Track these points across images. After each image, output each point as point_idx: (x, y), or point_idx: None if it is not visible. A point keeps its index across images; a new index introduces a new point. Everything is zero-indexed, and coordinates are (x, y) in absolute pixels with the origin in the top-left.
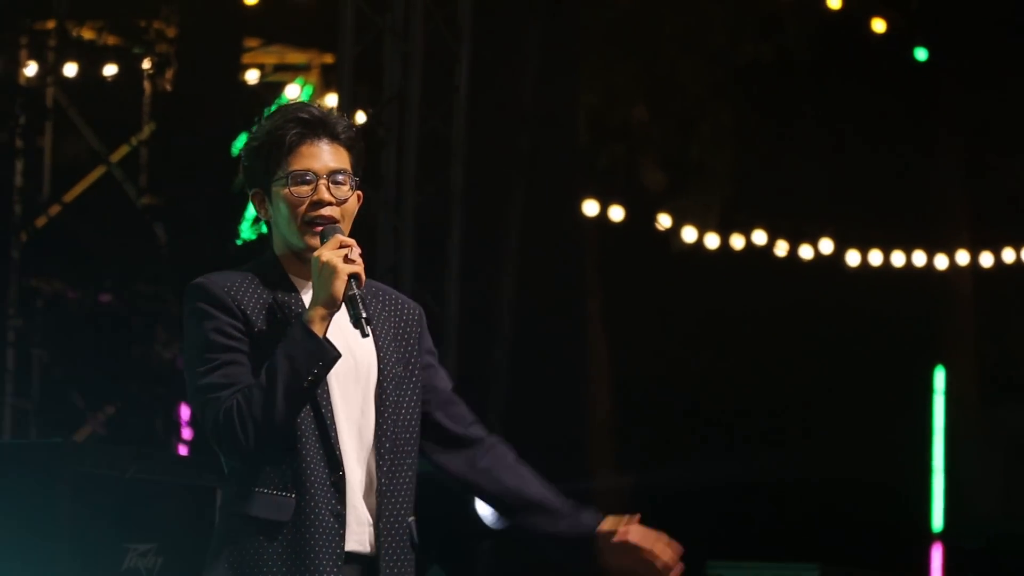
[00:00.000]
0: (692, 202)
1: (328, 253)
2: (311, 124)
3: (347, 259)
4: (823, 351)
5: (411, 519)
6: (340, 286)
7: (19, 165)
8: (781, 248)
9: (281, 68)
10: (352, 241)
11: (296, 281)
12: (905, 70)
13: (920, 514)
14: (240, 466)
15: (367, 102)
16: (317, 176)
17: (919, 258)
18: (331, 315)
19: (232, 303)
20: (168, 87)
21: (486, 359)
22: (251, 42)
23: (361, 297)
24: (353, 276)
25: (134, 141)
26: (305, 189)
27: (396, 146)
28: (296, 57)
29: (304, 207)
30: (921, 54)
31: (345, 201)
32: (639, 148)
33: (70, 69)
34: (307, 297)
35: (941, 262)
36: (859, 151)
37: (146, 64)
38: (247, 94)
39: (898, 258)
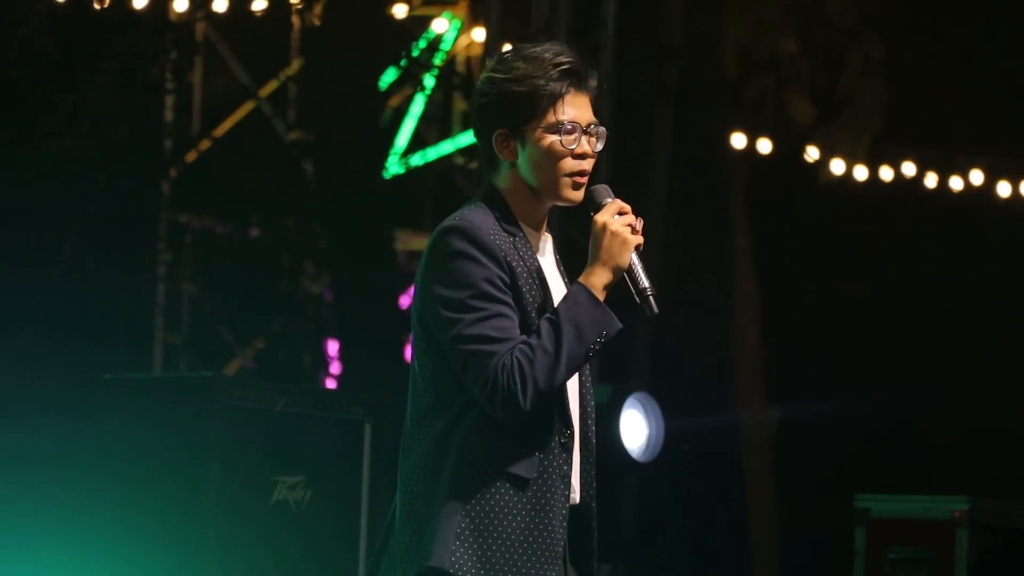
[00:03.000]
0: (841, 134)
1: (615, 223)
2: (576, 74)
3: (633, 230)
4: (972, 283)
5: None
6: (627, 258)
7: (169, 101)
8: (931, 180)
9: (429, 2)
10: (629, 208)
11: (524, 227)
12: None
13: None
14: (484, 418)
15: (514, 36)
16: (581, 128)
17: None
18: (614, 284)
19: (500, 253)
20: (316, 22)
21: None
22: None
23: (644, 268)
24: (636, 247)
25: (283, 76)
26: (571, 139)
27: None
28: None
29: (568, 159)
30: None
31: (596, 154)
32: (787, 80)
33: (220, 4)
34: (542, 251)
35: None
36: (1010, 81)
37: None
38: (395, 28)
39: None
